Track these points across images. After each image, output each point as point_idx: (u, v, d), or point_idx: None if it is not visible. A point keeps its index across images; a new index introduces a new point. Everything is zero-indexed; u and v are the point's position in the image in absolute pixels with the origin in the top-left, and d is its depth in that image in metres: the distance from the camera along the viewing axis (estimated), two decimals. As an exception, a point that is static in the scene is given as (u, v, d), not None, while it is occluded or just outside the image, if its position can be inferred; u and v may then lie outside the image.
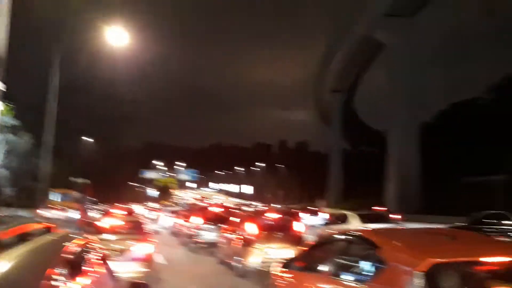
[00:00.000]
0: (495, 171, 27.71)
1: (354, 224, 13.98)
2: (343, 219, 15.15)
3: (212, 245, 13.36)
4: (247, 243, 9.50)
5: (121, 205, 35.49)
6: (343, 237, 4.54)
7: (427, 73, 42.56)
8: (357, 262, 4.08)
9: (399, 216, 22.66)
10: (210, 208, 18.72)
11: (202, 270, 10.67)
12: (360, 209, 21.03)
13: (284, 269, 5.55)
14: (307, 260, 5.07)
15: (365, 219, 14.31)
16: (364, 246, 4.00)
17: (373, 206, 28.49)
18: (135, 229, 9.21)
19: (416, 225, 21.25)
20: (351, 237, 4.39)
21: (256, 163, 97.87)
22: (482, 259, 3.23)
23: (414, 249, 3.33)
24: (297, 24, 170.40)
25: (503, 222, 11.09)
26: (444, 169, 37.77)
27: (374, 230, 5.43)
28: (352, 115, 64.96)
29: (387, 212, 21.91)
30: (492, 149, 30.42)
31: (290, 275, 5.30)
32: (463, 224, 12.27)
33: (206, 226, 14.74)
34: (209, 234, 14.30)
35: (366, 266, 3.81)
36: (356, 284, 3.68)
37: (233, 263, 9.85)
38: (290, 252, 8.99)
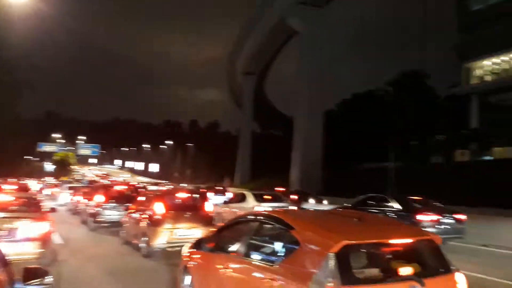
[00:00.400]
0: (389, 158, 30.21)
1: (251, 203, 14.78)
2: (242, 198, 15.82)
3: (115, 224, 12.79)
4: (154, 223, 9.20)
5: (14, 180, 32.41)
6: (256, 217, 4.53)
7: (335, 63, 44.77)
8: (270, 243, 4.11)
9: (296, 197, 24.02)
10: (114, 186, 17.84)
11: (104, 251, 10.14)
12: (266, 189, 22.01)
13: (194, 250, 5.45)
14: (219, 240, 5.02)
15: (260, 198, 15.14)
16: (277, 227, 4.03)
17: (278, 187, 29.77)
18: (29, 206, 8.42)
19: (312, 206, 22.49)
20: (264, 218, 4.40)
21: (165, 141, 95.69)
22: (387, 240, 3.43)
23: (328, 230, 3.42)
24: (214, 4, 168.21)
25: (384, 203, 12.21)
26: (344, 154, 40.38)
27: (288, 212, 5.54)
28: (263, 99, 66.26)
29: (284, 193, 23.22)
30: (386, 138, 33.06)
31: (201, 256, 5.21)
32: (349, 205, 13.41)
33: (109, 204, 14.04)
34: (113, 213, 13.67)
35: (279, 247, 3.85)
36: (269, 264, 3.70)
37: (139, 244, 9.50)
38: (199, 232, 8.91)
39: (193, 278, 5.25)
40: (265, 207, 13.95)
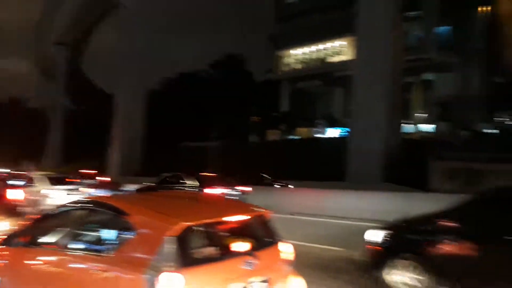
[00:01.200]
0: (210, 137, 31.45)
1: (43, 186, 14.70)
2: (34, 182, 15.39)
3: None
4: None
5: None
6: (82, 205, 4.12)
7: (160, 41, 43.80)
8: (100, 231, 3.78)
9: (108, 178, 23.35)
10: None
11: None
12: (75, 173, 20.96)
13: (2, 246, 4.63)
14: (36, 233, 4.37)
15: (54, 181, 15.15)
16: (108, 213, 3.73)
17: (86, 170, 27.97)
18: None
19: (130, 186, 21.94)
20: (92, 205, 4.03)
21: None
22: (224, 219, 3.55)
23: (164, 214, 3.33)
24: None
25: (180, 181, 13.77)
26: (168, 134, 40.37)
27: (120, 197, 5.20)
28: (80, 73, 60.91)
29: (94, 175, 23.16)
30: (210, 118, 34.37)
31: (11, 253, 4.47)
32: (152, 184, 14.38)
33: None
34: None
35: (111, 235, 3.56)
36: (99, 254, 3.41)
37: None
38: (4, 224, 7.73)
39: (0, 280, 4.48)
40: (58, 189, 14.17)
